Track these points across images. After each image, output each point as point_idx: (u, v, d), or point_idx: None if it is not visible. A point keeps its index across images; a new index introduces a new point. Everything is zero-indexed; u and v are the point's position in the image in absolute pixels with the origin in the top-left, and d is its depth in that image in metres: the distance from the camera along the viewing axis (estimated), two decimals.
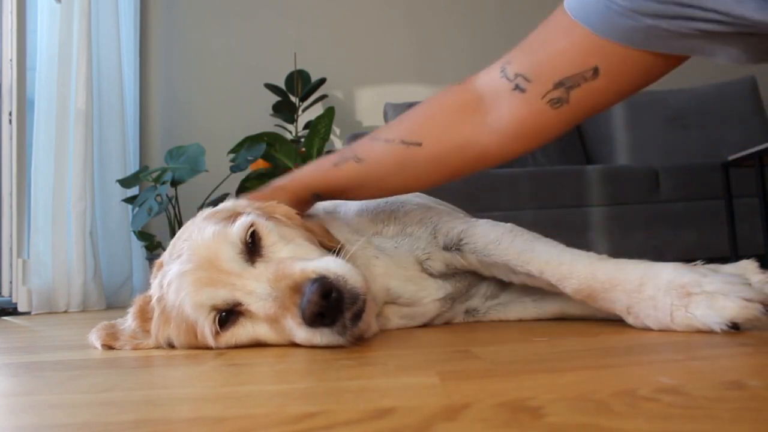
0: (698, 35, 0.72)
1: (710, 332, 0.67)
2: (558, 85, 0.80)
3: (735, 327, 0.66)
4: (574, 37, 0.78)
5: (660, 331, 0.72)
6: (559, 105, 0.81)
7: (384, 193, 1.00)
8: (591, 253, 0.80)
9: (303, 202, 1.00)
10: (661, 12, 0.71)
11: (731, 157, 2.52)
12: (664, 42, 0.75)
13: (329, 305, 0.70)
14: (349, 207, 1.07)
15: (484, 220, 0.94)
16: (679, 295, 0.70)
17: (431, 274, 0.96)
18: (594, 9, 0.76)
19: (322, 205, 1.10)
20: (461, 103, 0.90)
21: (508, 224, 0.91)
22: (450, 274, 0.97)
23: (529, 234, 0.87)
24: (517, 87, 0.83)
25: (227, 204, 0.92)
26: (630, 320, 0.76)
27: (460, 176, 0.94)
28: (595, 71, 0.78)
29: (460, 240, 0.93)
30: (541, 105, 0.82)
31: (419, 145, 0.90)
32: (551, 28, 0.82)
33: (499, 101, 0.85)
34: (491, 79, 0.86)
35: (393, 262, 0.95)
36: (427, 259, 0.96)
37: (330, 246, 0.88)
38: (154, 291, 0.86)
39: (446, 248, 0.95)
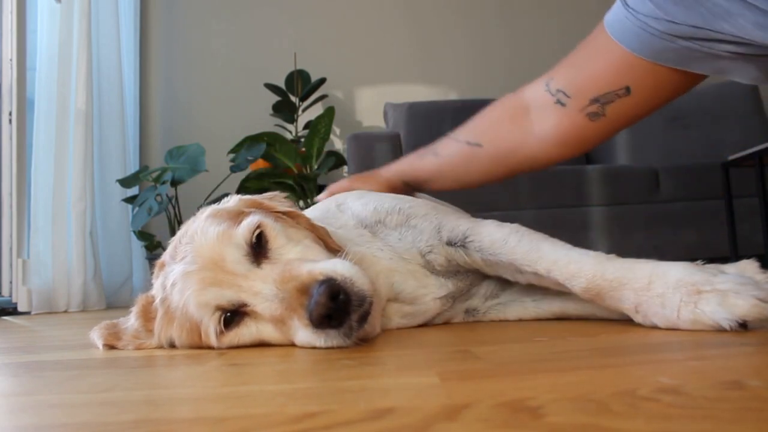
0: (728, 56, 0.78)
1: (716, 330, 0.67)
2: (594, 101, 0.91)
3: (743, 326, 0.67)
4: (610, 56, 0.87)
5: (667, 329, 0.72)
6: (597, 118, 0.92)
7: (456, 185, 1.14)
8: (599, 253, 0.81)
9: (394, 188, 1.16)
10: (693, 35, 0.77)
11: (731, 157, 2.52)
12: (694, 62, 0.82)
13: (337, 307, 0.70)
14: (355, 201, 1.07)
15: (490, 221, 0.94)
16: (689, 292, 0.70)
17: (433, 270, 0.96)
18: (631, 31, 0.83)
19: (333, 198, 1.12)
20: (512, 111, 1.03)
21: (514, 224, 0.91)
22: (452, 272, 0.97)
23: (536, 234, 0.88)
24: (558, 101, 0.94)
25: (230, 202, 0.90)
26: (638, 318, 0.76)
27: (518, 173, 1.11)
28: (627, 90, 0.88)
29: (466, 237, 0.93)
30: (580, 118, 0.93)
31: (480, 146, 1.05)
32: (591, 46, 0.92)
33: (543, 112, 0.97)
34: (537, 92, 0.98)
35: (396, 255, 0.95)
36: (429, 252, 0.96)
37: (333, 248, 0.87)
38: (156, 291, 0.85)
39: (450, 244, 0.94)
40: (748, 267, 0.77)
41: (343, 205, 1.08)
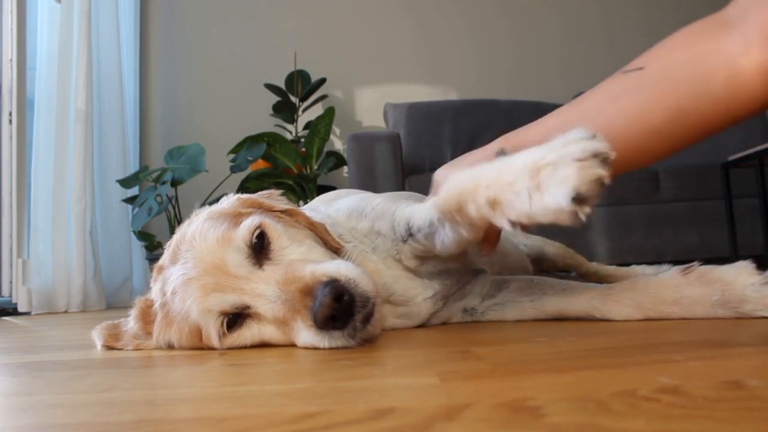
0: None
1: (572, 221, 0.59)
2: None
3: (580, 200, 0.56)
4: None
5: (525, 223, 0.64)
6: None
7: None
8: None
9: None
10: None
11: (731, 158, 2.52)
12: None
13: (341, 308, 0.70)
14: (329, 205, 1.05)
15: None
16: (531, 174, 0.61)
17: (415, 273, 0.94)
18: None
19: (308, 206, 1.08)
20: (700, 26, 0.72)
21: None
22: (435, 272, 0.96)
23: None
24: None
25: (228, 202, 0.90)
26: (497, 220, 0.67)
27: (693, 112, 0.73)
28: None
29: (409, 226, 0.89)
30: None
31: (640, 69, 0.75)
32: None
33: (750, 11, 0.67)
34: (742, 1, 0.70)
35: (380, 261, 0.93)
36: (398, 255, 0.92)
37: (333, 246, 0.87)
38: (155, 296, 0.85)
39: (404, 240, 0.91)
40: (746, 268, 0.77)
41: (321, 206, 1.04)
